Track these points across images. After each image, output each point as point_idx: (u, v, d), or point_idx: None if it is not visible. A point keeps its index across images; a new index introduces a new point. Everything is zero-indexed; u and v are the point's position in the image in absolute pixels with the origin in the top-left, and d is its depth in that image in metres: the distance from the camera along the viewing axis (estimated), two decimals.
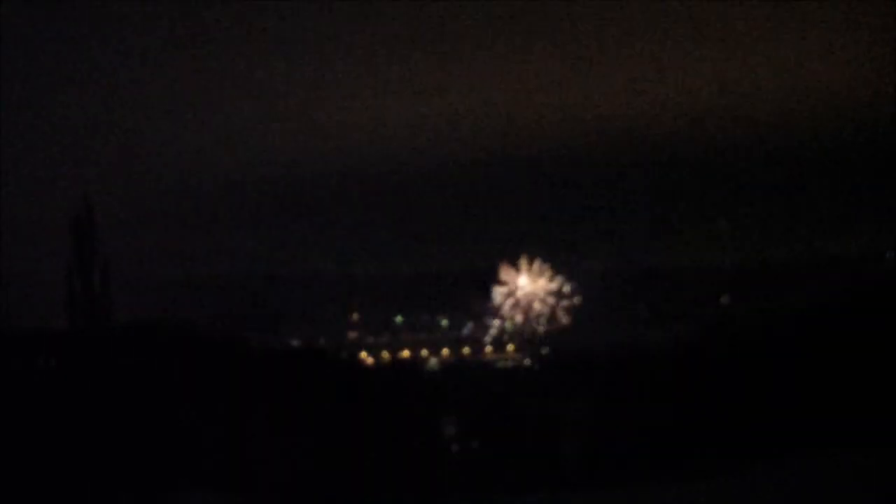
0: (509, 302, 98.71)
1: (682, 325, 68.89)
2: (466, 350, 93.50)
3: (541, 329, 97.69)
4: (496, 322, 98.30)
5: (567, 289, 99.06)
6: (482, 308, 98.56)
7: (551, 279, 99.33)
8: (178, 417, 38.39)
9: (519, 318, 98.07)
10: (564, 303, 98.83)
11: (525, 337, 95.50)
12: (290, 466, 38.51)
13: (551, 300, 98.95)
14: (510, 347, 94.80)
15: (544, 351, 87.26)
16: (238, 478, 37.22)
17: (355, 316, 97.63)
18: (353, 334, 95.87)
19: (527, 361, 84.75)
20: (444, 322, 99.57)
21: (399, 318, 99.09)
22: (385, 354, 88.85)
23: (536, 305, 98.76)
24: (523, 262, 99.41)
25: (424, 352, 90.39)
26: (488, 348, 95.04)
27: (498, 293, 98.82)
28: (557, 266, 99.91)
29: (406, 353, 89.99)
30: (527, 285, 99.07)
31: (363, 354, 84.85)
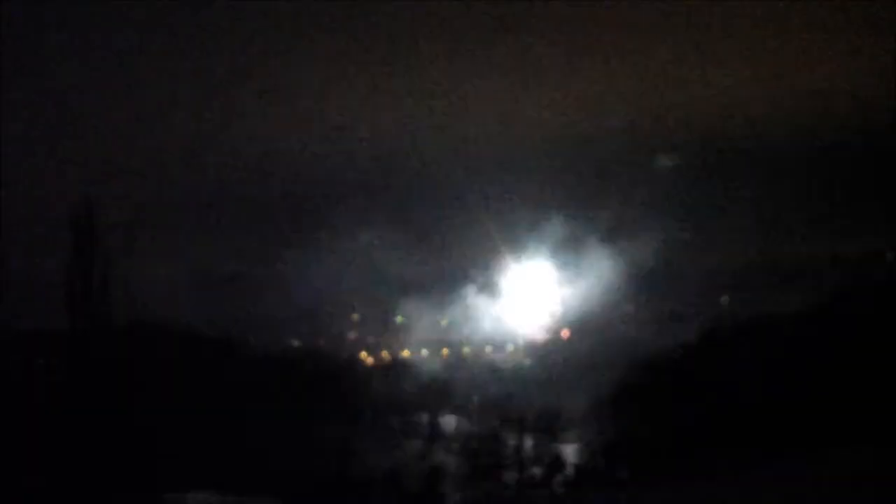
0: (509, 301, 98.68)
1: (682, 325, 68.76)
2: (466, 350, 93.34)
3: (541, 328, 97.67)
4: (496, 322, 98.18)
5: (568, 289, 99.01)
6: (482, 308, 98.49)
7: (551, 279, 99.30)
8: (178, 417, 38.39)
9: (519, 317, 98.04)
10: (564, 303, 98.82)
11: (525, 336, 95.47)
12: (289, 466, 38.51)
13: (551, 300, 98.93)
14: (510, 347, 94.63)
15: (544, 351, 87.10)
16: (238, 478, 37.21)
17: (355, 316, 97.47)
18: (353, 334, 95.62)
19: (527, 361, 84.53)
20: (444, 322, 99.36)
21: (399, 319, 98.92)
22: (385, 354, 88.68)
23: (536, 305, 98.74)
24: (523, 262, 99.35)
25: (424, 352, 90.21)
26: (488, 348, 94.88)
27: (498, 293, 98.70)
28: (558, 266, 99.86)
29: (406, 353, 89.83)
30: (527, 285, 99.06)
31: (363, 354, 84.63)
